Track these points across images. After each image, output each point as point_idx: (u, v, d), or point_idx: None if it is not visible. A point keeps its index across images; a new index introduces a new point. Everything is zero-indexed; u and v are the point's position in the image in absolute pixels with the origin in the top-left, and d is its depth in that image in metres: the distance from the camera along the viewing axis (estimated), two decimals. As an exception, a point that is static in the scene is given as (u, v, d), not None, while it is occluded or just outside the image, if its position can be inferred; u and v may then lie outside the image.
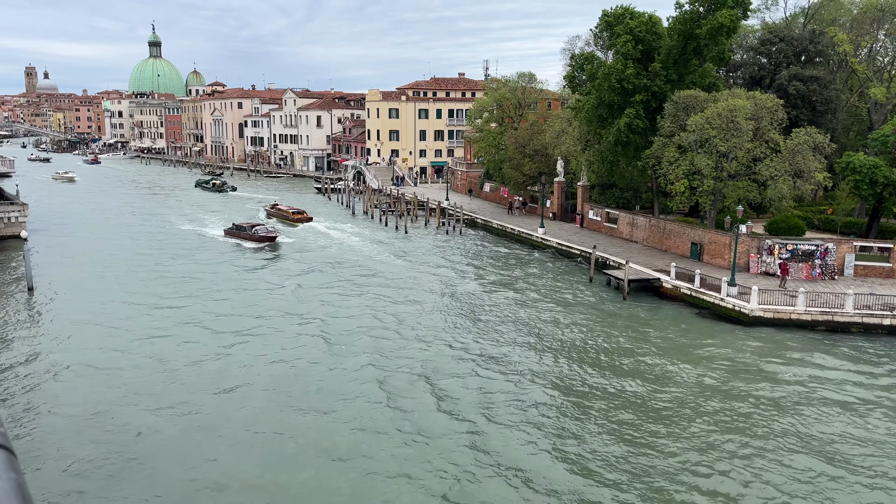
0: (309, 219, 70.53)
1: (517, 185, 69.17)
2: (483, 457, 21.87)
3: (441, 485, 20.34)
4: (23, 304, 40.10)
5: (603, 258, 47.91)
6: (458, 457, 21.89)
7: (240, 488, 20.16)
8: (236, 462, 21.58)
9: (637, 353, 31.70)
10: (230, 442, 22.85)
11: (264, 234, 58.43)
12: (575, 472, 21.06)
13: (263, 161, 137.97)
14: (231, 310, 38.60)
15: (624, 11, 52.51)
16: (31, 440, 22.62)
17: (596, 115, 53.10)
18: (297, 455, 22.01)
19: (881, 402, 26.24)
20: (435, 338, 33.82)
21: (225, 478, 20.69)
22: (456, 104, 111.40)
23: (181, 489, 20.09)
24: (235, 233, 60.89)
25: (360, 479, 20.61)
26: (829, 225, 50.12)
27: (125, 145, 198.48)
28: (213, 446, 22.56)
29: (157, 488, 20.01)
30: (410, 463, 21.50)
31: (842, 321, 34.74)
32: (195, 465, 21.40)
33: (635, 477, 20.71)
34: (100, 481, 20.34)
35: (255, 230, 59.11)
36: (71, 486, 20.16)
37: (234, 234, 60.97)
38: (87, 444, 22.45)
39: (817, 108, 55.40)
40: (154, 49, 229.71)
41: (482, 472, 20.97)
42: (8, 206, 60.26)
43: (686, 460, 21.74)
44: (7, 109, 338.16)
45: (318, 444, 22.75)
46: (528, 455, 22.08)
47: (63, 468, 21.01)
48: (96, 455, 21.77)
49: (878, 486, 20.34)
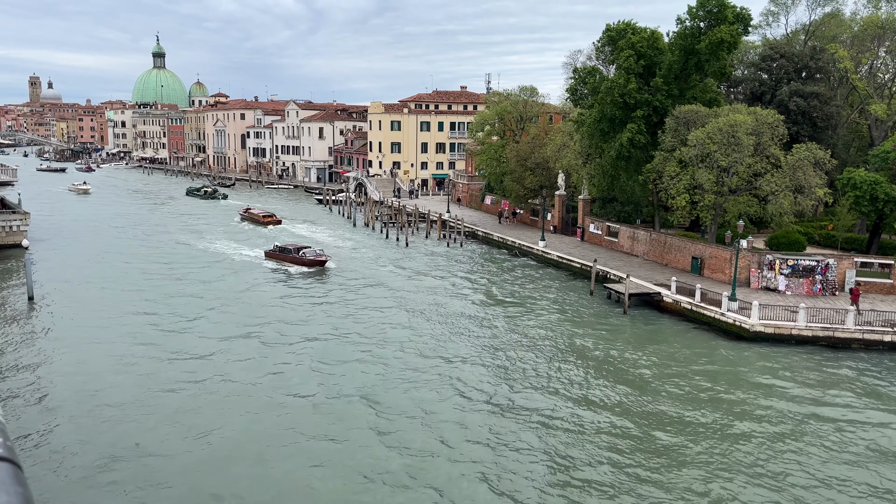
0: (278, 221, 77.23)
1: (518, 198, 69.29)
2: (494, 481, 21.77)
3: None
4: (23, 313, 40.06)
5: (603, 272, 47.88)
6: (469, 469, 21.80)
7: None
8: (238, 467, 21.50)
9: (638, 368, 31.60)
10: (229, 449, 22.78)
11: (313, 257, 53.30)
12: (573, 487, 20.96)
13: (265, 172, 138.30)
14: (244, 330, 38.56)
15: (626, 26, 52.79)
16: (36, 452, 22.46)
17: (598, 129, 53.28)
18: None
19: (883, 421, 26.14)
20: (435, 354, 33.75)
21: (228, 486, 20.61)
22: (458, 117, 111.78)
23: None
24: (278, 255, 55.94)
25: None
26: (829, 241, 50.09)
27: (127, 155, 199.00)
28: (213, 455, 22.49)
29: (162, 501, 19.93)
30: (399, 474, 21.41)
31: (842, 337, 34.66)
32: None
33: (634, 492, 20.61)
34: (105, 494, 20.24)
35: (302, 253, 53.84)
36: (76, 498, 20.05)
37: (276, 257, 56.15)
38: (92, 456, 22.32)
39: (818, 124, 55.52)
40: (158, 60, 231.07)
41: (489, 483, 20.89)
42: (9, 215, 60.34)
43: (685, 478, 21.64)
44: (11, 119, 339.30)
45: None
46: (525, 463, 22.01)
47: (68, 480, 20.89)
48: (101, 466, 21.66)
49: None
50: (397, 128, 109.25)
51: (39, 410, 25.93)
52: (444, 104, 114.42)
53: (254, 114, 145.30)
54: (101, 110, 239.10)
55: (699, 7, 48.93)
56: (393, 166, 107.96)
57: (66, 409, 26.01)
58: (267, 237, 67.87)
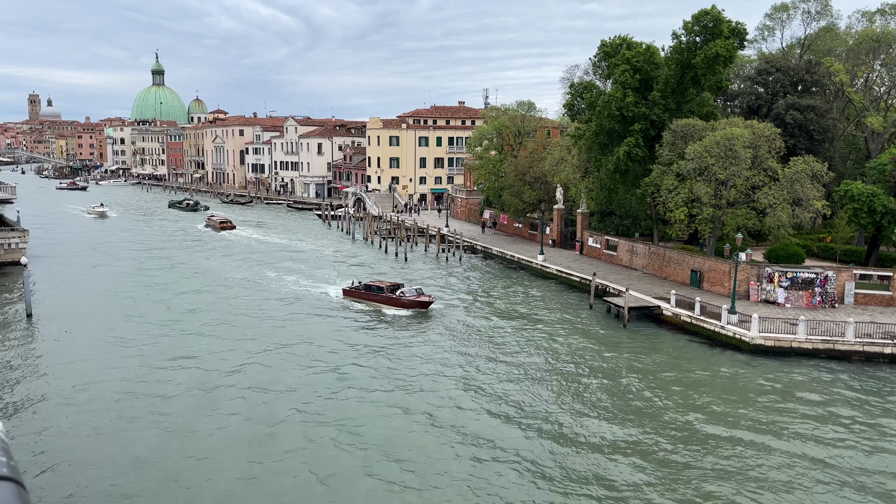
0: (233, 227, 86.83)
1: (517, 213, 69.42)
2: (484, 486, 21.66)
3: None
4: (21, 330, 39.94)
5: (603, 285, 47.87)
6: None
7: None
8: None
9: (638, 382, 31.49)
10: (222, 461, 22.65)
11: (412, 297, 44.26)
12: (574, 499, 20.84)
13: (263, 188, 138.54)
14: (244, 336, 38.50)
15: (622, 41, 53.13)
16: (39, 472, 22.26)
17: (596, 143, 53.49)
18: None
19: (883, 432, 26.05)
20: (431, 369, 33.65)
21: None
22: (456, 132, 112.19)
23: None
24: (363, 294, 46.45)
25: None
26: (828, 253, 50.13)
27: (126, 172, 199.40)
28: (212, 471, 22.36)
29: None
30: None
31: (843, 349, 34.59)
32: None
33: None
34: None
35: (400, 293, 44.78)
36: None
37: (360, 296, 46.60)
38: (95, 475, 22.19)
39: (815, 137, 55.76)
40: (157, 77, 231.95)
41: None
42: (8, 233, 60.38)
43: (684, 492, 21.52)
44: (10, 136, 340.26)
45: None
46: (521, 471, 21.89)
47: (71, 500, 20.72)
48: (104, 485, 21.53)
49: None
50: (396, 143, 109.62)
51: (41, 429, 25.75)
52: (442, 119, 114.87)
53: (252, 130, 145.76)
54: (101, 127, 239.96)
55: (695, 22, 49.29)
56: (392, 181, 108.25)
57: (68, 429, 25.86)
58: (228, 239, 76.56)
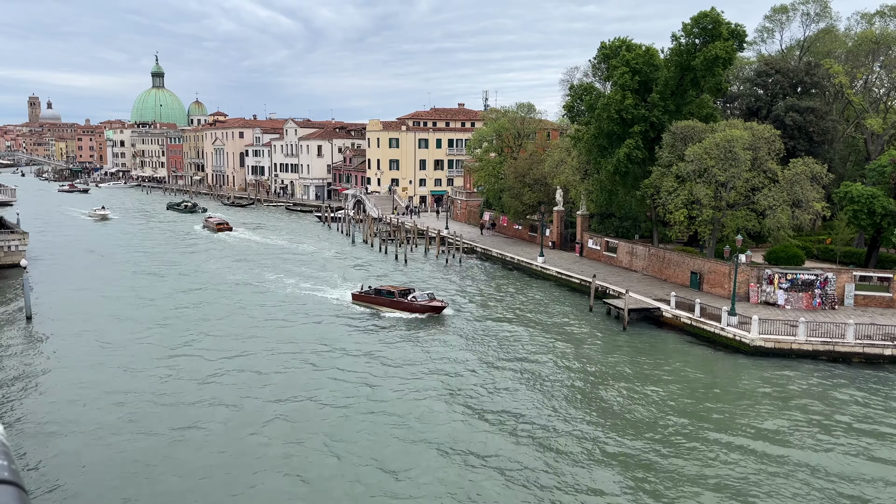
0: (230, 228, 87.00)
1: (517, 215, 69.40)
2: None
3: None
4: (22, 333, 39.91)
5: (603, 287, 47.84)
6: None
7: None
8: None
9: (639, 384, 31.47)
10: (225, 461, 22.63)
11: (425, 302, 43.33)
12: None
13: (263, 190, 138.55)
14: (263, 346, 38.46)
15: (621, 44, 53.16)
16: (40, 475, 22.21)
17: (595, 145, 53.49)
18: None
19: (883, 434, 26.02)
20: (430, 372, 33.64)
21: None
22: (455, 134, 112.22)
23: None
24: (374, 299, 45.45)
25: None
26: (828, 255, 50.11)
27: (126, 174, 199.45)
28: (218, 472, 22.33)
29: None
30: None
31: (843, 351, 34.57)
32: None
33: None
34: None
35: (411, 298, 43.92)
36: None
37: (371, 301, 45.60)
38: (96, 479, 22.17)
39: (814, 139, 55.78)
40: (157, 80, 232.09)
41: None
42: (8, 235, 60.37)
43: (685, 494, 21.49)
44: (10, 139, 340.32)
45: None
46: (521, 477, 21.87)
47: (71, 502, 20.70)
48: (105, 489, 21.50)
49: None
50: (395, 145, 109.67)
51: (42, 433, 25.71)
52: (441, 121, 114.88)
53: (252, 132, 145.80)
54: (100, 130, 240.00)
55: (694, 24, 49.32)
56: (391, 183, 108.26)
57: (68, 432, 25.81)
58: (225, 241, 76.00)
